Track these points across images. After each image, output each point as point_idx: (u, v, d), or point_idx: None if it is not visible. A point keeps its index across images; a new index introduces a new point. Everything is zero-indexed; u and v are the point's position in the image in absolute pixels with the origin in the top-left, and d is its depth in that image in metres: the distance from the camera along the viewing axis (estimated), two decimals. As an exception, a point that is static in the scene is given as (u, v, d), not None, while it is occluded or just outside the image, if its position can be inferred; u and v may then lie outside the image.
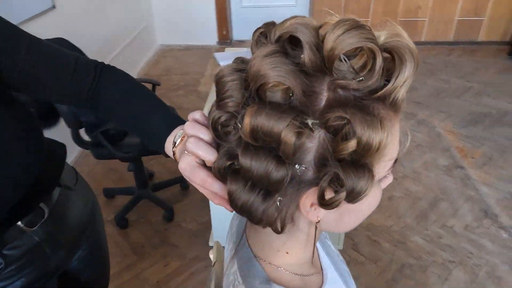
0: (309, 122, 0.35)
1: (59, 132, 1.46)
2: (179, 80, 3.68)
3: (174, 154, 0.60)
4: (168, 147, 0.60)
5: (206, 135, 0.46)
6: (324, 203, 0.37)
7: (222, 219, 1.71)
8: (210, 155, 0.44)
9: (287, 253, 0.49)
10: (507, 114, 2.97)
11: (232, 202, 0.41)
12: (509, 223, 2.00)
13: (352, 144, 0.34)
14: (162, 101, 0.69)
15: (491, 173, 2.36)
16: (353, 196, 0.36)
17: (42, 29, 2.14)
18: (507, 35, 4.10)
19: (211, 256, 0.86)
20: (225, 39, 4.44)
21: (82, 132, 1.81)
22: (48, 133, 0.88)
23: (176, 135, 0.58)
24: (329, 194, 0.38)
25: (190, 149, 0.45)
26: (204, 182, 0.46)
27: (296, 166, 0.37)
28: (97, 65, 0.72)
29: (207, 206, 2.14)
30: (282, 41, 0.37)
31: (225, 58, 2.10)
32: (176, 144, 0.58)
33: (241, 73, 0.39)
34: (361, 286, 1.69)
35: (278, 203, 0.39)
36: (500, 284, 1.70)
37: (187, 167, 0.48)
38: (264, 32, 0.41)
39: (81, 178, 0.96)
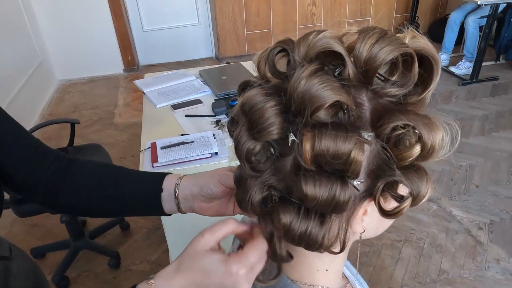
0: (366, 135, 0.34)
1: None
2: (91, 115, 3.42)
3: (178, 204, 0.62)
4: (168, 202, 0.62)
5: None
6: (389, 213, 0.37)
7: (181, 249, 1.61)
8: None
9: (327, 270, 0.47)
10: (408, 99, 3.34)
11: (289, 234, 0.38)
12: (434, 195, 2.23)
13: (417, 150, 0.34)
14: (129, 169, 0.68)
15: (409, 153, 2.62)
16: (418, 200, 0.36)
17: None
18: (391, 31, 4.63)
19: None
20: (131, 66, 4.27)
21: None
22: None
23: (173, 187, 0.61)
24: (383, 201, 0.38)
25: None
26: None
27: (355, 182, 0.36)
28: (59, 155, 0.66)
29: (154, 242, 2.02)
30: (318, 58, 0.36)
31: (148, 85, 2.01)
32: (177, 194, 0.61)
33: (275, 97, 0.37)
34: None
35: (333, 225, 0.38)
36: (442, 251, 1.88)
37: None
38: (282, 49, 0.39)
39: (13, 245, 0.84)
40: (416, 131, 0.34)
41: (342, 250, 0.40)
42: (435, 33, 4.41)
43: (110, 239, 2.07)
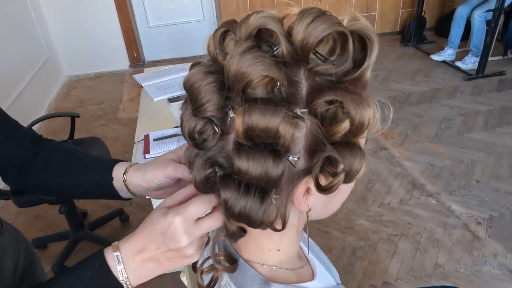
0: (298, 111, 0.35)
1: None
2: (96, 110, 3.47)
3: (127, 186, 0.63)
4: (122, 191, 0.63)
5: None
6: (324, 189, 0.38)
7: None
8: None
9: (279, 250, 0.48)
10: (411, 94, 3.31)
11: (229, 210, 0.39)
12: (434, 190, 2.21)
13: (345, 125, 0.35)
14: (94, 155, 0.70)
15: (410, 148, 2.60)
16: (351, 176, 0.37)
17: None
18: (397, 26, 4.58)
19: (184, 279, 0.82)
20: (137, 62, 4.31)
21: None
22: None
23: (121, 179, 0.62)
24: (323, 180, 0.39)
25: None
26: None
27: (290, 158, 0.37)
28: (35, 136, 0.70)
29: (153, 233, 2.04)
30: (253, 36, 0.37)
31: (147, 79, 2.03)
32: (125, 175, 0.62)
33: (214, 75, 0.38)
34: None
35: (274, 201, 0.39)
36: (439, 245, 1.87)
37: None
38: (226, 31, 0.41)
39: (4, 221, 0.88)
40: (344, 106, 0.35)
41: (283, 227, 0.41)
42: (442, 28, 4.37)
43: (109, 231, 2.11)
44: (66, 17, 3.91)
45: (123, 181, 0.63)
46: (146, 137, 1.45)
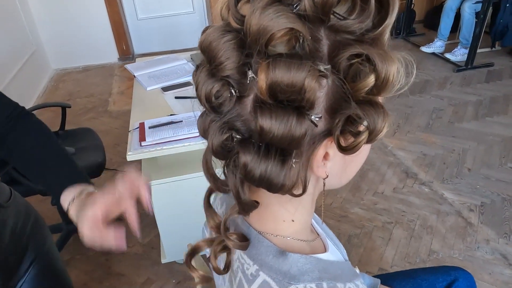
0: (322, 67, 0.34)
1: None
2: (85, 103, 3.42)
3: (68, 211, 0.69)
4: (63, 204, 0.69)
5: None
6: (347, 148, 0.37)
7: (172, 233, 1.62)
8: None
9: (293, 221, 0.48)
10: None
11: (249, 174, 0.38)
12: (427, 178, 2.24)
13: (371, 80, 0.34)
14: (69, 157, 0.74)
15: (402, 138, 2.62)
16: (374, 134, 0.36)
17: None
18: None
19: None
20: (126, 55, 4.25)
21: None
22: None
23: (74, 195, 0.68)
24: (344, 141, 0.38)
25: None
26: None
27: (312, 117, 0.36)
28: (17, 108, 0.73)
29: (147, 225, 2.03)
30: None
31: (139, 68, 2.00)
32: (70, 204, 0.68)
33: (232, 33, 0.37)
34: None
35: (294, 165, 0.38)
36: (433, 232, 1.89)
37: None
38: None
39: (17, 195, 0.86)
40: (371, 59, 0.34)
41: (304, 191, 0.40)
42: (431, 20, 4.40)
43: (103, 223, 2.08)
44: (52, 9, 3.83)
45: (68, 205, 0.68)
46: (141, 125, 1.42)
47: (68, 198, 0.67)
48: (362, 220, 1.98)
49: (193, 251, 0.53)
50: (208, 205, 0.51)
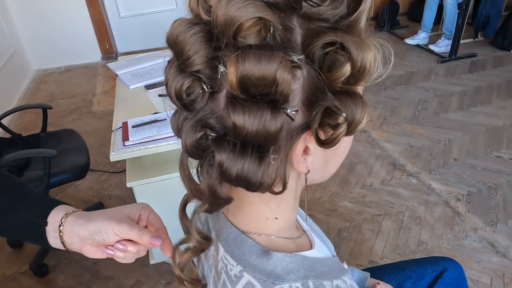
0: (295, 58, 0.33)
1: None
2: (68, 104, 3.35)
3: (63, 243, 0.57)
4: (54, 238, 0.56)
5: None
6: (326, 142, 0.35)
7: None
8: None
9: (277, 218, 0.46)
10: (388, 78, 3.31)
11: (225, 173, 0.36)
12: (414, 170, 2.25)
13: (346, 69, 0.33)
14: (27, 188, 0.61)
15: (389, 130, 2.63)
16: (353, 126, 0.35)
17: None
18: (371, 12, 4.61)
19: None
20: (109, 54, 4.17)
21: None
22: None
23: (58, 221, 0.56)
24: (323, 134, 0.37)
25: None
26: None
27: (288, 111, 0.34)
28: None
29: (135, 226, 1.99)
30: None
31: (121, 67, 1.96)
32: (63, 219, 0.56)
33: (200, 25, 0.35)
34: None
35: (273, 162, 0.36)
36: (421, 223, 1.90)
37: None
38: None
39: None
40: (345, 47, 0.32)
41: (284, 188, 0.38)
42: (415, 12, 4.43)
43: (89, 226, 2.04)
44: (31, 9, 3.74)
45: (59, 226, 0.55)
46: (124, 124, 1.39)
47: (59, 215, 0.57)
48: (352, 213, 1.98)
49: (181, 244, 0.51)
50: (183, 213, 0.48)
